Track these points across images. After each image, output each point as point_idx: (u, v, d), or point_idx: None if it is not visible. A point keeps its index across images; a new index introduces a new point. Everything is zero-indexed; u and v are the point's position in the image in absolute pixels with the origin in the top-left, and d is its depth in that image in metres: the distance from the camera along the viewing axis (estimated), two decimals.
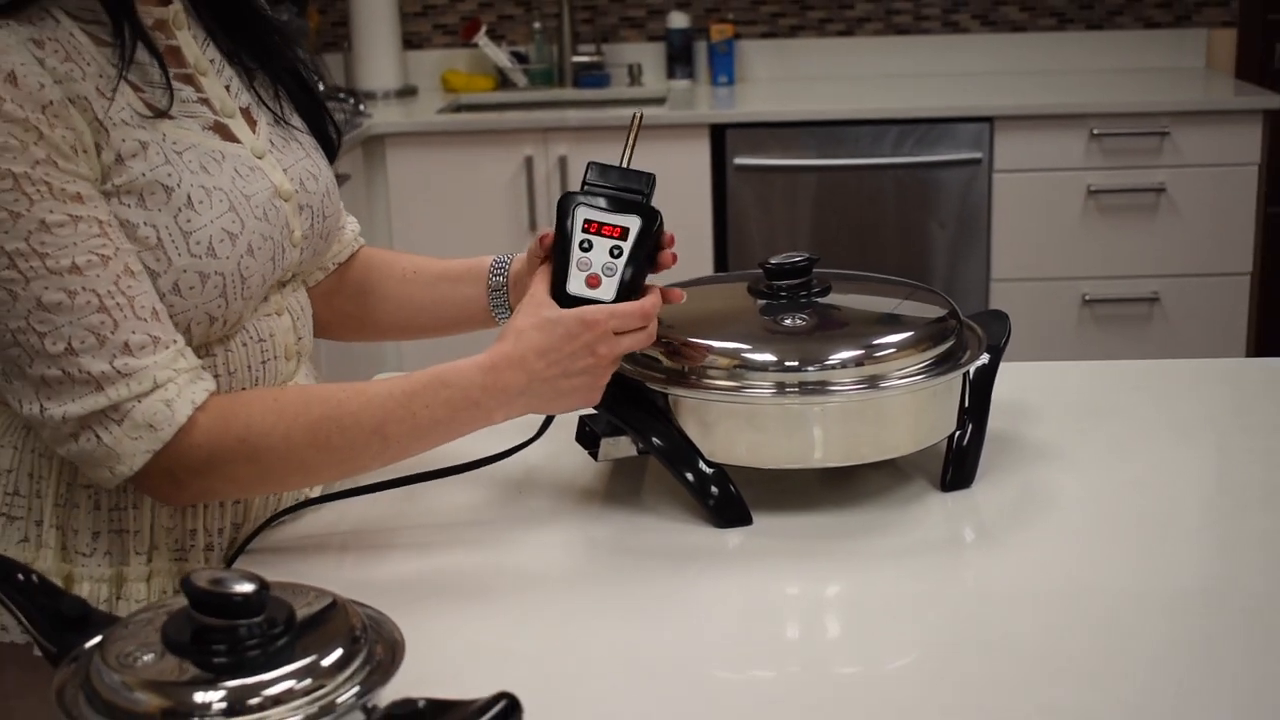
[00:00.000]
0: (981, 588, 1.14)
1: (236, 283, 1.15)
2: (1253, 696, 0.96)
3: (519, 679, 0.85)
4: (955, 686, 0.99)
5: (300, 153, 1.27)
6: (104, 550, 1.18)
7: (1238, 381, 1.61)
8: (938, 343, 1.26)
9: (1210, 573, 1.16)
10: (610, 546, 1.21)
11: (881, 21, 4.12)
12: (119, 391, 1.07)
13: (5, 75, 1.04)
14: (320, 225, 1.28)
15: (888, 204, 3.66)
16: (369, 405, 1.15)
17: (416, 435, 1.15)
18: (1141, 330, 3.70)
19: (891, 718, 0.95)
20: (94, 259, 1.06)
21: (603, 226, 1.20)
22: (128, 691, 0.73)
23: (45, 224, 1.05)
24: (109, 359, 1.07)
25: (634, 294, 1.19)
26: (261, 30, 1.28)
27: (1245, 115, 3.56)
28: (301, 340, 1.29)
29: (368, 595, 0.87)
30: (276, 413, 1.13)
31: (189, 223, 1.12)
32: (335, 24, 4.15)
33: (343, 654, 0.76)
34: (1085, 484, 1.30)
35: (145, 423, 1.08)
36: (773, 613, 1.13)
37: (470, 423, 1.16)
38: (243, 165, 1.18)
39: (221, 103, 1.21)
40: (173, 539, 1.20)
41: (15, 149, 1.04)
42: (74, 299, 1.06)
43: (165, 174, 1.11)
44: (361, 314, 1.43)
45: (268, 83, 1.28)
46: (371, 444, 1.14)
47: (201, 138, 1.16)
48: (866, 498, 1.27)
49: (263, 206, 1.18)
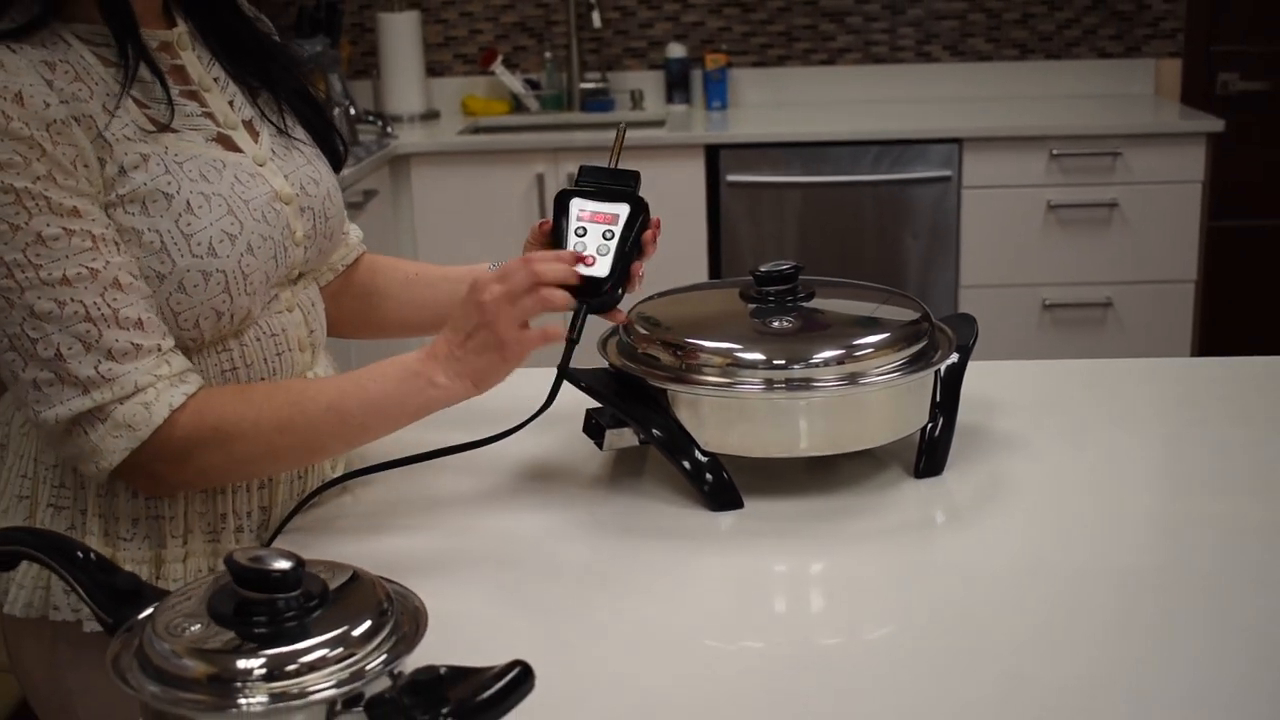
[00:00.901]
0: (951, 566, 1.14)
1: (238, 279, 1.14)
2: (1198, 663, 0.95)
3: (531, 647, 0.85)
4: (928, 655, 0.98)
5: (301, 160, 1.26)
6: (143, 535, 1.18)
7: (1183, 379, 1.61)
8: (911, 343, 1.26)
9: (1160, 551, 1.16)
10: (614, 527, 1.21)
11: (861, 52, 4.12)
12: (103, 395, 1.07)
13: (13, 95, 1.03)
14: (323, 226, 1.27)
15: (866, 217, 3.65)
16: (325, 387, 1.16)
17: (368, 408, 1.14)
18: (1096, 332, 3.69)
19: (870, 684, 0.95)
20: (84, 271, 1.06)
21: (595, 214, 1.21)
22: (176, 658, 0.73)
23: (41, 237, 1.04)
24: (94, 364, 1.07)
25: (625, 272, 1.20)
26: (261, 55, 1.27)
27: (1190, 137, 3.55)
28: (314, 333, 1.28)
29: (393, 571, 0.87)
30: (245, 403, 1.13)
31: (189, 226, 1.11)
32: (365, 54, 4.15)
33: (371, 625, 0.76)
34: (1045, 471, 1.29)
35: (125, 423, 1.08)
36: (762, 588, 1.12)
37: (416, 392, 1.14)
38: (243, 172, 1.17)
39: (224, 116, 1.20)
40: (205, 523, 1.20)
41: (18, 165, 1.03)
42: (63, 309, 1.05)
43: (165, 183, 1.11)
44: (367, 312, 1.43)
45: (272, 100, 1.27)
46: (328, 420, 1.14)
47: (204, 149, 1.16)
48: (847, 484, 1.27)
49: (262, 209, 1.17)
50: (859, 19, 4.10)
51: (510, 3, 4.14)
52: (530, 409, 1.19)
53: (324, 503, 1.26)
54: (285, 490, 1.24)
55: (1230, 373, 1.58)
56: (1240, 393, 1.51)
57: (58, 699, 1.23)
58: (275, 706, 0.71)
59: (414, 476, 1.28)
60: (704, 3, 4.10)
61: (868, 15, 4.09)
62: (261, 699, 0.71)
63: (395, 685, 0.72)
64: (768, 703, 0.93)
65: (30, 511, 1.18)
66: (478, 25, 4.16)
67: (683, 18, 4.12)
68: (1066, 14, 4.05)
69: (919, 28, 4.09)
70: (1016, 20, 4.07)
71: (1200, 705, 0.91)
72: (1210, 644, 0.98)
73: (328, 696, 0.72)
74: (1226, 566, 1.10)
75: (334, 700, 0.72)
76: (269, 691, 0.71)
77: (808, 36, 4.12)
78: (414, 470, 1.24)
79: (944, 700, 0.92)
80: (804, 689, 0.95)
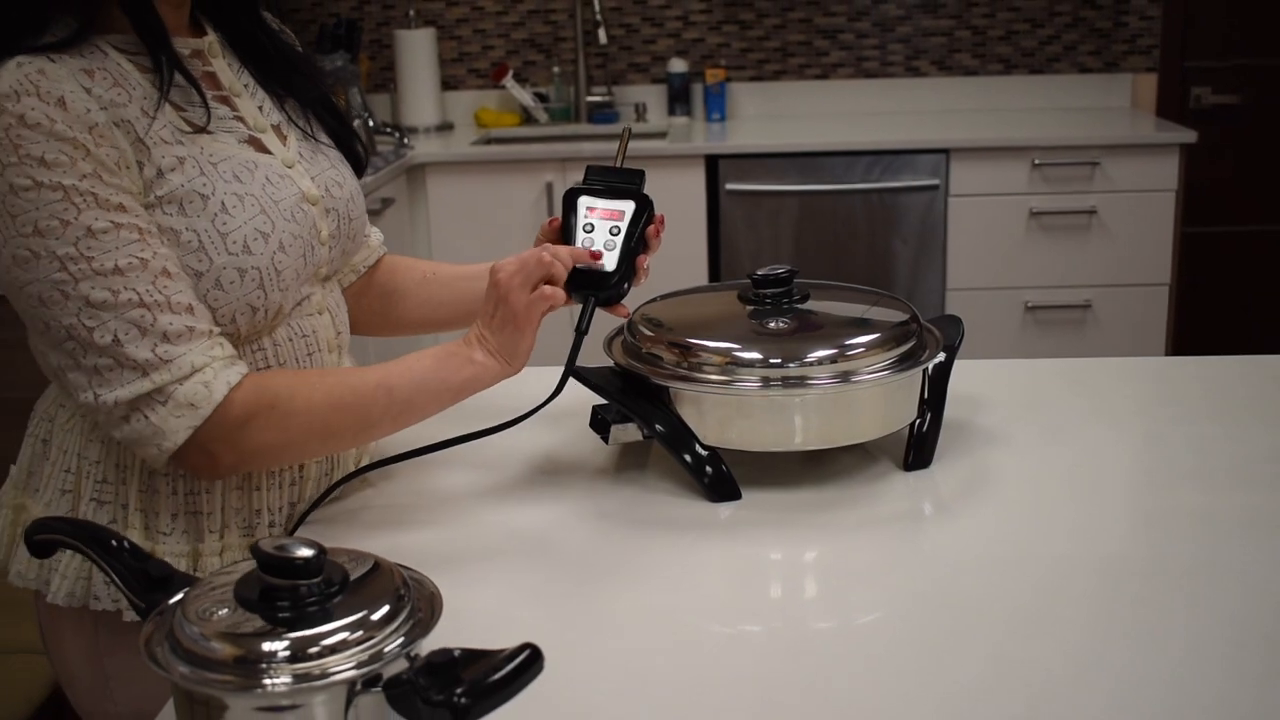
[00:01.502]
0: (939, 554, 1.14)
1: (272, 275, 1.14)
2: (1177, 646, 0.95)
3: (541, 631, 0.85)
4: (916, 639, 0.98)
5: (326, 163, 1.26)
6: (181, 529, 1.18)
7: (1160, 377, 1.60)
8: (901, 343, 1.26)
9: (1139, 540, 1.16)
10: (619, 518, 1.21)
11: (853, 67, 4.11)
12: (162, 376, 1.06)
13: (56, 101, 1.03)
14: (346, 227, 1.27)
15: (858, 224, 3.65)
16: (373, 369, 1.16)
17: (415, 384, 1.15)
18: (1076, 333, 3.69)
19: (861, 665, 0.95)
20: (134, 261, 1.06)
21: (602, 211, 1.21)
22: (205, 641, 0.73)
23: (91, 230, 1.04)
24: (151, 347, 1.06)
25: (631, 266, 1.20)
26: (285, 64, 1.27)
27: (1165, 148, 3.55)
28: (340, 335, 1.28)
29: (409, 558, 0.87)
30: (298, 382, 1.13)
31: (224, 225, 1.11)
32: (383, 68, 4.15)
33: (389, 610, 0.76)
34: (1028, 464, 1.29)
35: (187, 402, 1.07)
36: (759, 575, 1.12)
37: (456, 369, 1.16)
38: (273, 173, 1.17)
39: (254, 120, 1.20)
40: (241, 518, 1.19)
41: (65, 164, 1.03)
42: (117, 296, 1.05)
43: (201, 184, 1.11)
44: (386, 311, 1.42)
45: (298, 106, 1.27)
46: (379, 397, 1.14)
47: (236, 150, 1.16)
48: (840, 476, 1.27)
49: (291, 209, 1.17)
50: (851, 36, 4.09)
51: (521, 20, 4.14)
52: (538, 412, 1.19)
53: (345, 495, 1.26)
54: (313, 486, 1.24)
55: (1205, 371, 1.58)
56: (1215, 390, 1.50)
57: (96, 685, 1.23)
58: (298, 687, 0.71)
59: (430, 471, 1.28)
60: (704, 20, 4.10)
61: (859, 32, 4.09)
62: (285, 679, 0.71)
63: (412, 667, 0.72)
64: (764, 683, 0.93)
65: (73, 505, 1.18)
66: (490, 41, 4.16)
67: (684, 34, 4.12)
68: (1048, 31, 4.04)
69: (908, 44, 4.09)
70: (1000, 37, 4.06)
71: (1179, 687, 0.90)
72: (1188, 629, 0.98)
73: (348, 677, 0.72)
74: (1204, 555, 1.10)
75: (354, 681, 0.72)
76: (292, 672, 0.71)
77: (802, 52, 4.11)
78: (430, 465, 1.24)
79: (932, 680, 0.92)
80: (799, 670, 0.95)
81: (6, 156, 1.02)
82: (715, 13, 4.09)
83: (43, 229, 1.03)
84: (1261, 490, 1.22)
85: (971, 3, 4.04)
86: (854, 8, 4.06)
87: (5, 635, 1.97)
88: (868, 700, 0.91)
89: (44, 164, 1.03)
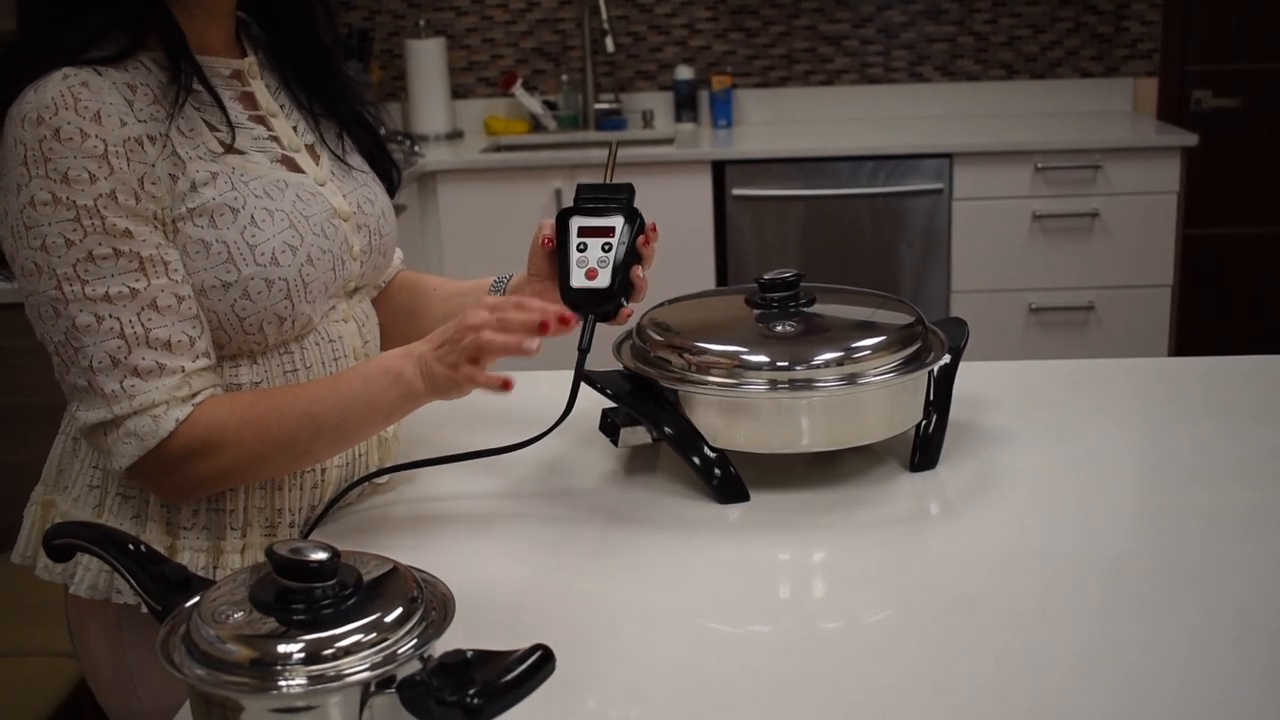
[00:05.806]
0: (945, 554, 1.13)
1: (299, 287, 1.15)
2: (1183, 643, 0.95)
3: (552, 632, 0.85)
4: (923, 637, 0.98)
5: (358, 182, 1.27)
6: (202, 526, 1.18)
7: (1163, 377, 1.60)
8: (906, 345, 1.26)
9: (1145, 539, 1.15)
10: (629, 519, 1.21)
11: (857, 73, 4.11)
12: (121, 408, 1.08)
13: (92, 116, 1.04)
14: (378, 242, 1.28)
15: (863, 228, 3.65)
16: (301, 392, 1.13)
17: (340, 410, 1.10)
18: (1079, 334, 3.68)
19: (868, 664, 0.95)
20: (125, 291, 1.07)
21: (593, 229, 1.21)
22: (221, 643, 0.73)
23: (92, 255, 1.06)
24: (119, 379, 1.08)
25: (626, 278, 1.21)
26: (331, 82, 1.28)
27: (1166, 151, 3.54)
28: (367, 344, 1.28)
29: (422, 561, 0.87)
30: (229, 412, 1.11)
31: (253, 238, 1.12)
32: (394, 78, 4.15)
33: (402, 611, 0.76)
34: (1033, 465, 1.29)
35: (134, 433, 1.09)
36: (767, 576, 1.12)
37: (387, 388, 1.10)
38: (304, 191, 1.18)
39: (289, 140, 1.21)
40: (264, 517, 1.20)
41: (84, 182, 1.04)
42: (101, 324, 1.07)
43: (232, 198, 1.12)
44: (390, 326, 1.40)
45: (334, 127, 1.28)
46: (304, 426, 1.11)
47: (269, 169, 1.17)
48: (847, 478, 1.27)
49: (321, 225, 1.18)
50: (855, 42, 4.09)
51: (529, 29, 4.14)
52: (549, 410, 1.19)
53: (360, 498, 1.26)
54: (334, 489, 1.23)
55: (1207, 371, 1.57)
56: (1218, 390, 1.50)
57: (119, 678, 1.24)
58: (313, 688, 0.71)
59: (442, 474, 1.28)
60: (710, 28, 4.10)
61: (863, 39, 4.09)
62: (300, 681, 0.71)
63: (425, 668, 0.72)
64: (773, 682, 0.93)
65: (100, 500, 1.19)
66: (499, 50, 4.16)
67: (690, 42, 4.12)
68: (1050, 36, 4.04)
69: (911, 50, 4.08)
70: (1003, 42, 4.06)
71: (1187, 684, 0.90)
72: (1194, 626, 0.97)
73: (362, 679, 0.72)
74: (1210, 554, 1.10)
75: (368, 682, 0.72)
76: (307, 674, 0.71)
77: (807, 59, 4.11)
78: (442, 468, 1.24)
79: (939, 679, 0.92)
80: (807, 669, 0.94)
81: (35, 169, 1.04)
82: (721, 20, 4.09)
83: (49, 245, 1.05)
84: (1265, 488, 1.22)
85: (974, 9, 4.04)
86: (858, 14, 4.06)
87: (25, 638, 1.98)
88: (876, 699, 0.90)
89: (66, 180, 1.04)
